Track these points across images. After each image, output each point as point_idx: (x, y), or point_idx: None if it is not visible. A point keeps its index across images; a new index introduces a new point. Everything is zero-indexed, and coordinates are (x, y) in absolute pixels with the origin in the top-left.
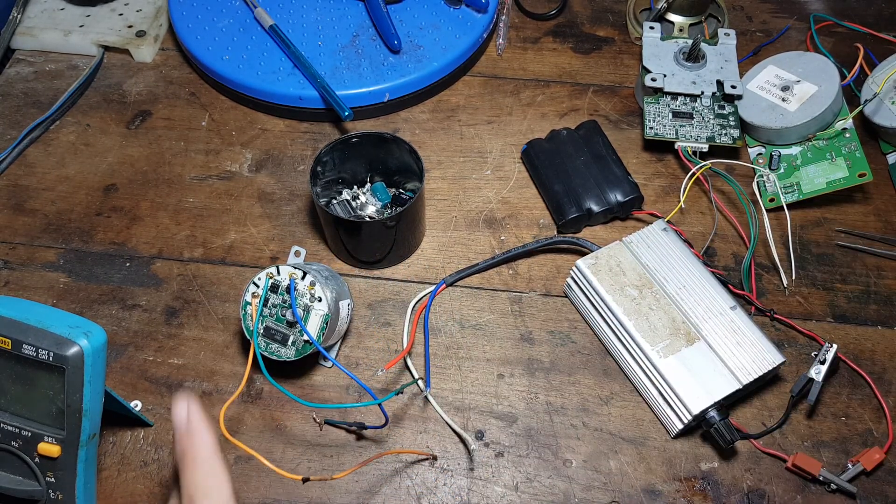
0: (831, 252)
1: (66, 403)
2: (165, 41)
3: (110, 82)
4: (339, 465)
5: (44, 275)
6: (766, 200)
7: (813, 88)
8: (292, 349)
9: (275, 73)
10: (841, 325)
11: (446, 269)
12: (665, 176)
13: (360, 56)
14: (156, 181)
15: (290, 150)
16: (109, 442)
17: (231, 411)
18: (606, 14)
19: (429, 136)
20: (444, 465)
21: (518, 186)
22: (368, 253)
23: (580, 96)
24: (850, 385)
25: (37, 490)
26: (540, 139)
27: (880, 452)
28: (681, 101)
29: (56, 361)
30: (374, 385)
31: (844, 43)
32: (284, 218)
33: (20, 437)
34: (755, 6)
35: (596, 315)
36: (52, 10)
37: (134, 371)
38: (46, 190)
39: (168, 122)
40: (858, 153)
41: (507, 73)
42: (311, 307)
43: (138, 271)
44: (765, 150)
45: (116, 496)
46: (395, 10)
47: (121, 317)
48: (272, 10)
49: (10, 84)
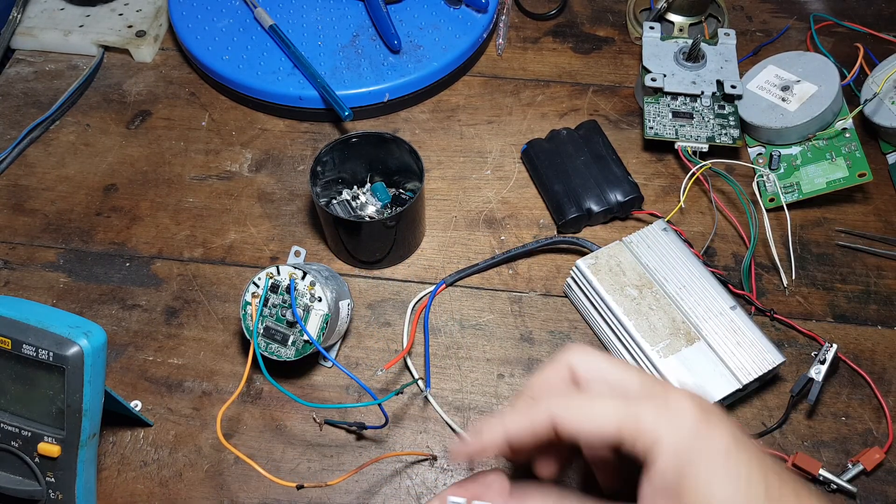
0: (831, 252)
1: (66, 403)
2: (165, 41)
3: (110, 82)
4: (338, 465)
5: (44, 275)
6: (766, 200)
7: (813, 88)
8: (292, 349)
9: (275, 73)
10: (841, 325)
11: (446, 269)
12: (665, 176)
13: (360, 56)
14: (156, 181)
15: (290, 150)
16: (109, 442)
17: (231, 411)
18: (606, 14)
19: (429, 136)
20: (444, 464)
21: (518, 186)
22: (368, 253)
23: (580, 96)
24: (850, 385)
25: (37, 490)
26: (540, 139)
27: (880, 452)
28: (681, 101)
29: (56, 361)
30: (374, 385)
31: (844, 43)
32: (284, 218)
33: (20, 437)
34: (755, 6)
35: (596, 315)
36: (52, 10)
37: (134, 371)
38: (46, 190)
39: (168, 122)
40: (858, 153)
41: (507, 73)
42: (311, 307)
43: (138, 271)
44: (765, 150)
45: (116, 496)
46: (395, 10)
47: (121, 317)
48: (272, 10)
49: (10, 84)
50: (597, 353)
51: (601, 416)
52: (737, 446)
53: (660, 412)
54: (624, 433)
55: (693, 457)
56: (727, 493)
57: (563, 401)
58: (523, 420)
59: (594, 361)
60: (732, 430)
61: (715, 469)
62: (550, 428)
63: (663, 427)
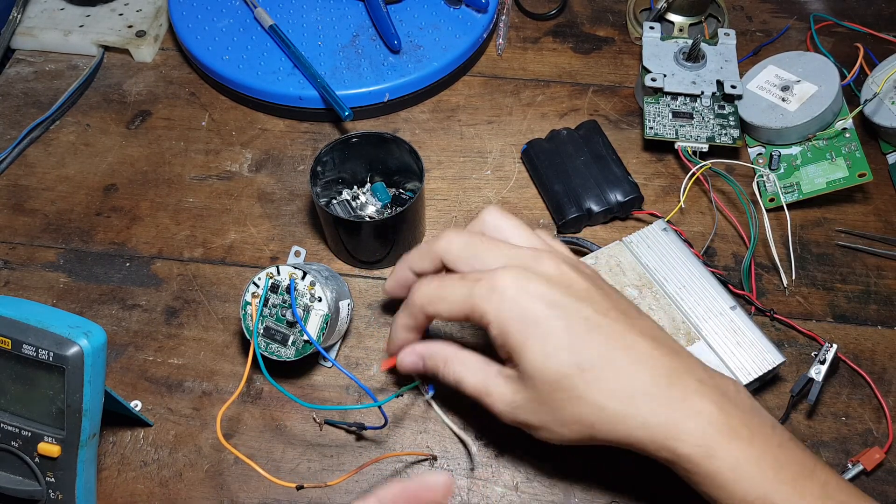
0: (831, 252)
1: (66, 403)
2: (165, 41)
3: (110, 82)
4: (339, 466)
5: (44, 275)
6: (766, 200)
7: (813, 88)
8: (292, 349)
9: (275, 73)
10: (841, 325)
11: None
12: (665, 176)
13: (360, 56)
14: (156, 181)
15: (290, 150)
16: (109, 442)
17: (231, 411)
18: (606, 14)
19: (429, 136)
20: (444, 465)
21: (518, 186)
22: (368, 253)
23: (580, 96)
24: (849, 385)
25: (37, 490)
26: (540, 139)
27: (880, 452)
28: (681, 101)
29: (56, 361)
30: (374, 385)
31: (844, 43)
32: (284, 218)
33: (20, 437)
34: (755, 6)
35: None
36: (52, 10)
37: (134, 371)
38: (46, 190)
39: (168, 122)
40: (858, 153)
41: (507, 73)
42: (311, 307)
43: (138, 271)
44: (765, 150)
45: (116, 496)
46: (395, 10)
47: (121, 317)
48: (272, 10)
49: (10, 84)
50: (504, 216)
51: (452, 301)
52: (546, 314)
53: (487, 294)
54: (469, 314)
55: (506, 327)
56: (538, 359)
57: (426, 288)
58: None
59: (496, 221)
60: (545, 301)
61: (529, 341)
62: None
63: (486, 305)
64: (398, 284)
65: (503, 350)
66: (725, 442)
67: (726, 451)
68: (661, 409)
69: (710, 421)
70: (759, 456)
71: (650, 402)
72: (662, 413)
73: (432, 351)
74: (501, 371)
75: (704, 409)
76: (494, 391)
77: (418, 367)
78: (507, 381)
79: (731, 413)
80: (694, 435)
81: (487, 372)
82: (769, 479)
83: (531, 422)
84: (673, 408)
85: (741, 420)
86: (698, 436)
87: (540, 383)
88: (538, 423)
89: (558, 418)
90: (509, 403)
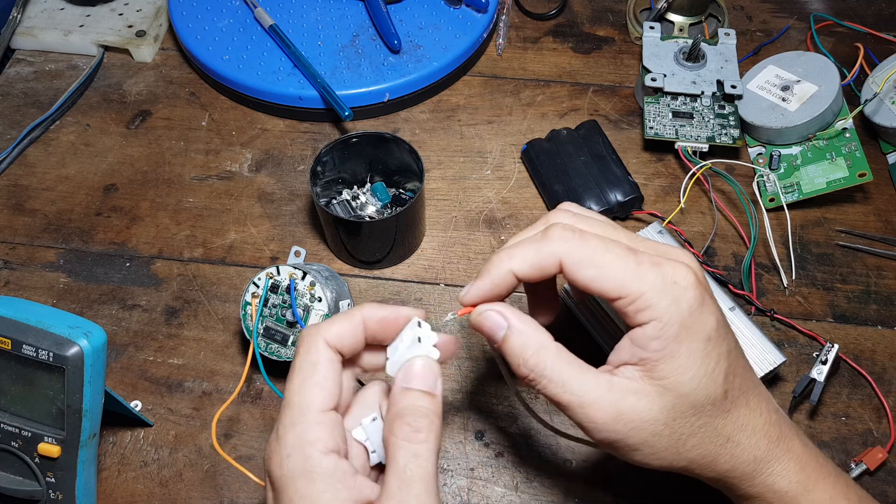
0: (831, 252)
1: (66, 403)
2: (165, 41)
3: (110, 82)
4: None
5: (44, 275)
6: (766, 200)
7: (813, 88)
8: (292, 349)
9: (275, 73)
10: (841, 325)
11: (446, 269)
12: (665, 176)
13: (360, 56)
14: (156, 181)
15: (290, 150)
16: (109, 442)
17: (230, 411)
18: (606, 14)
19: (429, 136)
20: (444, 465)
21: (518, 186)
22: (368, 253)
23: (580, 96)
24: (850, 385)
25: (37, 490)
26: (540, 139)
27: (883, 452)
28: (681, 100)
29: (56, 362)
30: None
31: (844, 43)
32: (284, 218)
33: (20, 437)
34: (755, 6)
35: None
36: (52, 10)
37: (134, 371)
38: (46, 190)
39: (168, 122)
40: (858, 153)
41: (507, 72)
42: (311, 307)
43: (138, 271)
44: (765, 150)
45: (116, 496)
46: (395, 10)
47: (121, 317)
48: (272, 10)
49: (10, 84)
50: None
51: (610, 274)
52: (717, 334)
53: (665, 286)
54: (624, 295)
55: (682, 335)
56: (696, 377)
57: (577, 244)
58: (532, 257)
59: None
60: (717, 316)
61: (694, 355)
62: (557, 268)
63: (663, 301)
64: (494, 285)
65: (646, 356)
66: (819, 479)
67: (821, 490)
68: (770, 446)
69: (799, 457)
70: (832, 489)
71: (763, 438)
72: (769, 449)
73: (525, 335)
74: (625, 384)
75: (794, 447)
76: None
77: (495, 336)
78: (638, 397)
79: (807, 444)
80: (792, 471)
81: (606, 384)
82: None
83: (635, 443)
84: (777, 445)
85: (814, 452)
86: (795, 471)
87: (680, 400)
88: (642, 445)
89: (675, 442)
90: (630, 422)
